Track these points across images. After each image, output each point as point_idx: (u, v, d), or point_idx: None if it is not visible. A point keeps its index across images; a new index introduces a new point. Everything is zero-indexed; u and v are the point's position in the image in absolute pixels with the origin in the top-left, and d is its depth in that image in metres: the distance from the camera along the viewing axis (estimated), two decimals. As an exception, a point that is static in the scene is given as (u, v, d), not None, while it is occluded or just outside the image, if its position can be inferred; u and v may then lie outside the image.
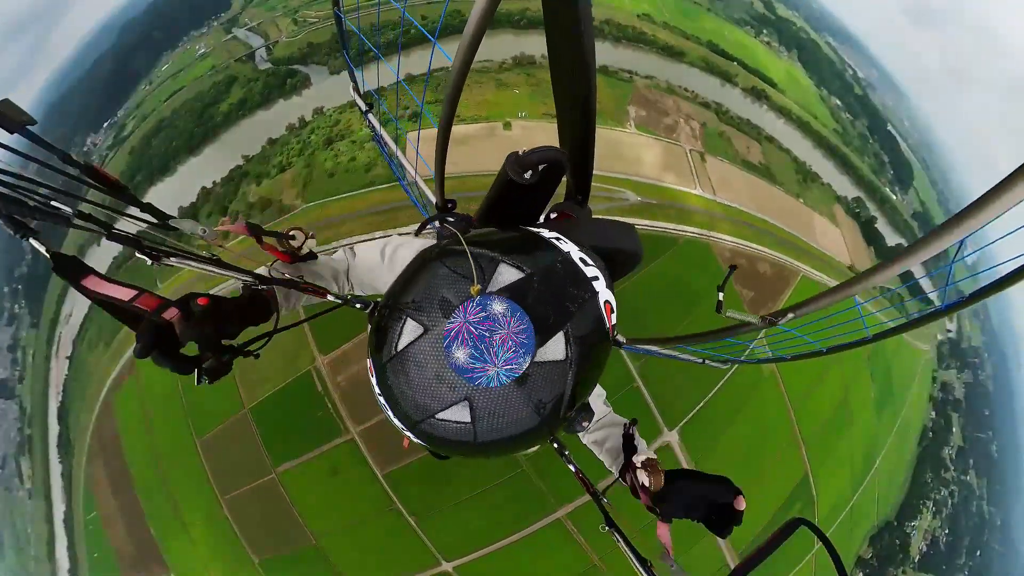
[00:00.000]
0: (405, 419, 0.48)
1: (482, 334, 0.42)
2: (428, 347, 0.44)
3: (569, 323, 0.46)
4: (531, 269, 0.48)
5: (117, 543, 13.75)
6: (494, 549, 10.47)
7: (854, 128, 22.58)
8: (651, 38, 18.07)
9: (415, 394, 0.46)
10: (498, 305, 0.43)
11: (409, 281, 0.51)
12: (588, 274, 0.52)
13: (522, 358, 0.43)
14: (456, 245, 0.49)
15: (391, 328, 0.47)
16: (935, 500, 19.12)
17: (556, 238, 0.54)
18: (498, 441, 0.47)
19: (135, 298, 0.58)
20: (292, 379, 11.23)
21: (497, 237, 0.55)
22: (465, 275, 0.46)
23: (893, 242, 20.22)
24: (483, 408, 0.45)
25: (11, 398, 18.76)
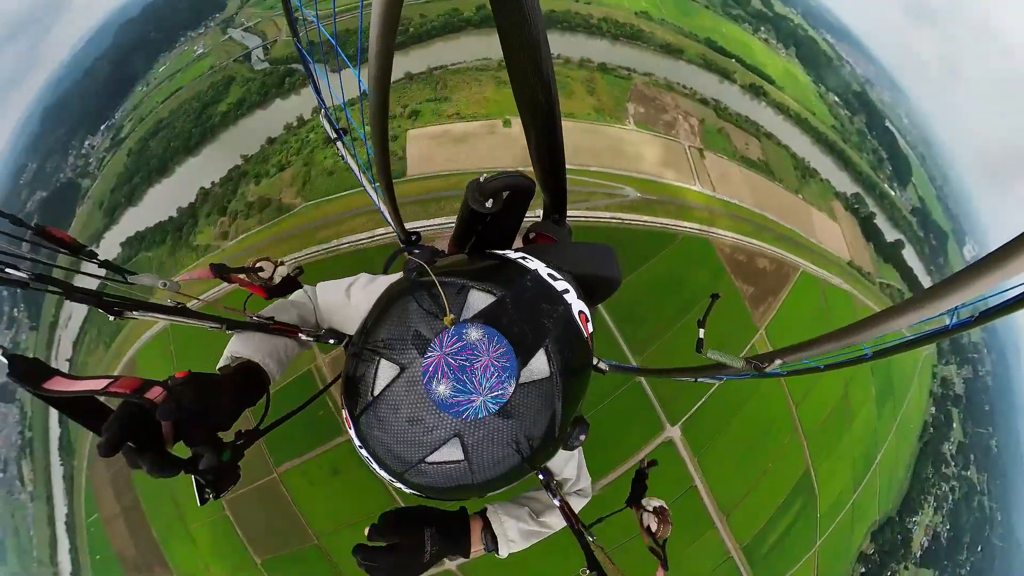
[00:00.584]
0: (393, 470, 0.45)
1: (462, 364, 0.40)
2: (407, 387, 0.42)
3: (548, 339, 0.45)
4: (502, 291, 0.46)
5: (119, 545, 13.76)
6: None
7: (852, 124, 22.61)
8: (649, 35, 18.10)
9: (400, 439, 0.43)
10: (474, 332, 0.41)
11: (378, 319, 0.48)
12: (558, 288, 0.51)
13: (507, 382, 0.41)
14: (423, 277, 0.47)
15: (364, 373, 0.45)
16: (936, 496, 19.20)
17: (522, 257, 0.53)
18: (497, 476, 0.45)
19: (110, 385, 0.49)
20: (292, 378, 11.23)
21: (463, 264, 0.54)
22: (436, 306, 0.44)
23: (892, 238, 20.30)
24: (476, 442, 0.42)
25: (11, 402, 18.77)
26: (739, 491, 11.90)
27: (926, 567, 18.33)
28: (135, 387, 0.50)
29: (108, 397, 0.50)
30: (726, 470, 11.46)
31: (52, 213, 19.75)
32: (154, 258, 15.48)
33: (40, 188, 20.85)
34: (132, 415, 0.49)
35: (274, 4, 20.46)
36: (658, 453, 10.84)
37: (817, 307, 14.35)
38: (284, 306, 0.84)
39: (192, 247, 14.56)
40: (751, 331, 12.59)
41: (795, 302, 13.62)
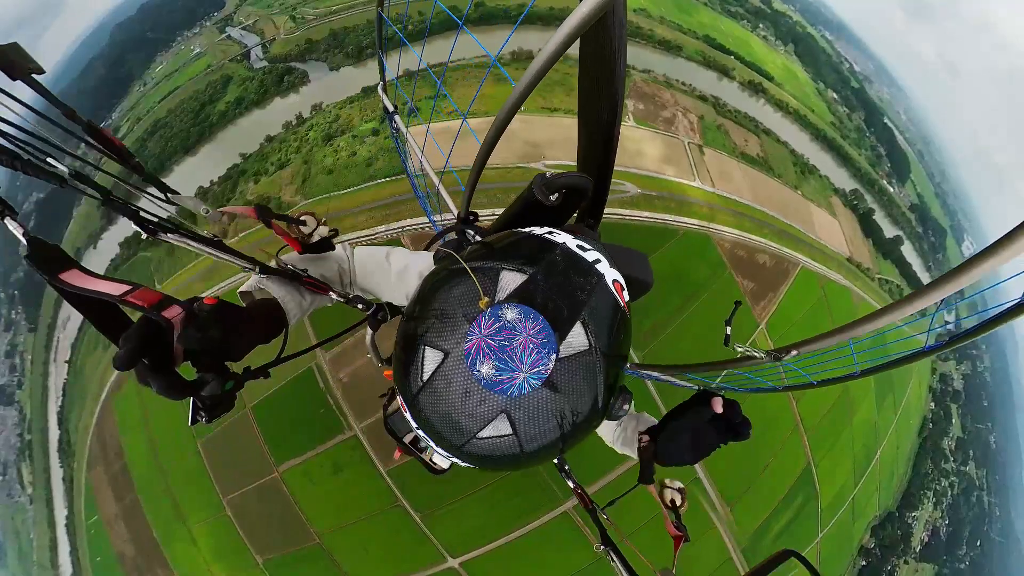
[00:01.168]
0: (449, 446, 0.47)
1: (502, 344, 0.41)
2: (452, 370, 0.44)
3: (583, 311, 0.46)
4: (533, 268, 0.47)
5: (119, 546, 13.70)
6: (500, 544, 10.44)
7: (851, 121, 22.67)
8: (648, 33, 18.11)
9: (452, 419, 0.45)
10: (510, 312, 0.42)
11: (419, 308, 0.50)
12: (589, 259, 0.51)
13: (547, 358, 0.42)
14: (455, 264, 0.49)
15: (412, 361, 0.47)
16: (935, 491, 19.30)
17: (548, 232, 0.54)
18: (545, 446, 0.46)
19: (128, 293, 0.47)
20: (293, 376, 11.19)
21: (490, 247, 0.54)
22: (471, 291, 0.46)
23: (891, 234, 20.38)
24: (522, 416, 0.44)
25: (10, 404, 18.67)
26: (741, 485, 11.95)
27: (926, 562, 18.41)
28: (154, 302, 0.49)
29: (124, 306, 0.48)
30: (728, 464, 11.50)
31: (49, 214, 19.66)
32: (152, 258, 15.42)
33: (37, 189, 20.75)
34: (150, 332, 0.47)
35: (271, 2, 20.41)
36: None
37: (817, 302, 14.38)
38: (319, 261, 0.83)
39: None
40: (752, 326, 12.65)
41: (795, 297, 13.68)
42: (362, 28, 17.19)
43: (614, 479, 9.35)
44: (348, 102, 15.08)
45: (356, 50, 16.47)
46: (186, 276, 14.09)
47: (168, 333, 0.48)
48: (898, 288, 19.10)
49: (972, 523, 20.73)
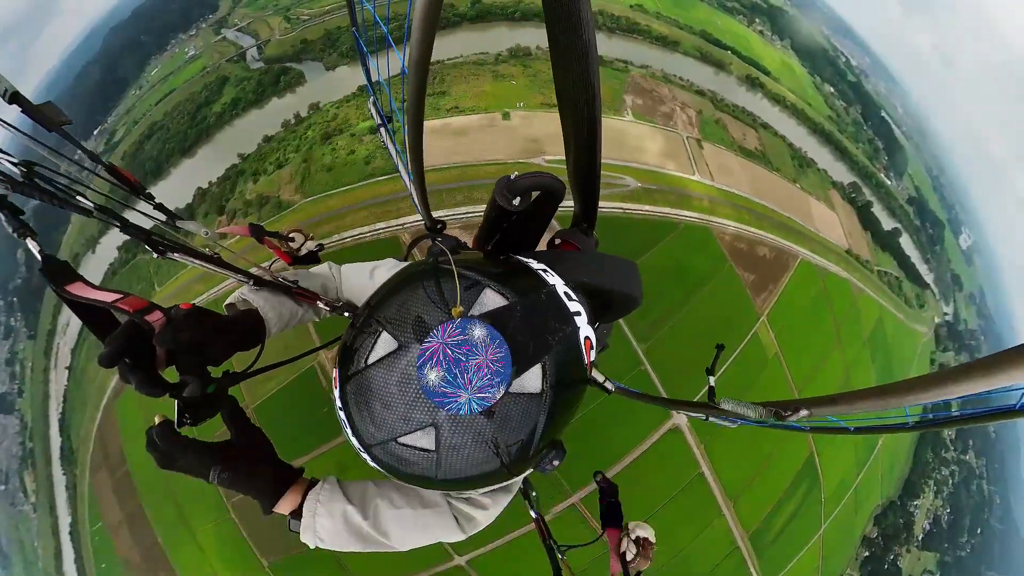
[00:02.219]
0: (364, 440, 0.46)
1: (458, 358, 0.40)
2: (400, 364, 0.43)
3: (548, 356, 0.45)
4: (515, 298, 0.46)
5: (124, 552, 13.68)
6: (507, 540, 10.39)
7: (848, 115, 22.73)
8: (645, 28, 18.12)
9: (379, 413, 0.44)
10: (478, 330, 0.41)
11: (390, 293, 0.49)
12: (571, 309, 0.51)
13: (496, 387, 0.41)
14: (445, 264, 0.48)
15: (364, 340, 0.46)
16: (936, 480, 19.47)
17: (543, 270, 0.54)
18: (461, 478, 0.45)
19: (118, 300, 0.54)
20: (295, 376, 11.18)
21: (485, 262, 0.56)
22: (448, 296, 0.45)
23: (889, 226, 20.47)
24: (449, 436, 0.43)
25: (11, 412, 18.57)
26: (745, 477, 11.96)
27: (928, 550, 18.56)
28: (140, 307, 0.53)
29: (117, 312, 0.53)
30: (732, 456, 11.52)
31: (47, 220, 19.53)
32: (151, 261, 15.35)
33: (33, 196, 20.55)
34: (133, 334, 0.51)
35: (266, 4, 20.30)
36: (666, 441, 10.92)
37: (817, 294, 14.46)
38: (308, 275, 0.86)
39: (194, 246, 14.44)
40: (753, 318, 12.68)
41: (795, 289, 13.73)
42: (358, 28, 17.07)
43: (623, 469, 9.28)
44: (345, 101, 15.04)
45: (351, 49, 16.42)
46: (185, 278, 14.05)
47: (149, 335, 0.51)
48: (897, 280, 19.21)
49: (973, 511, 20.95)
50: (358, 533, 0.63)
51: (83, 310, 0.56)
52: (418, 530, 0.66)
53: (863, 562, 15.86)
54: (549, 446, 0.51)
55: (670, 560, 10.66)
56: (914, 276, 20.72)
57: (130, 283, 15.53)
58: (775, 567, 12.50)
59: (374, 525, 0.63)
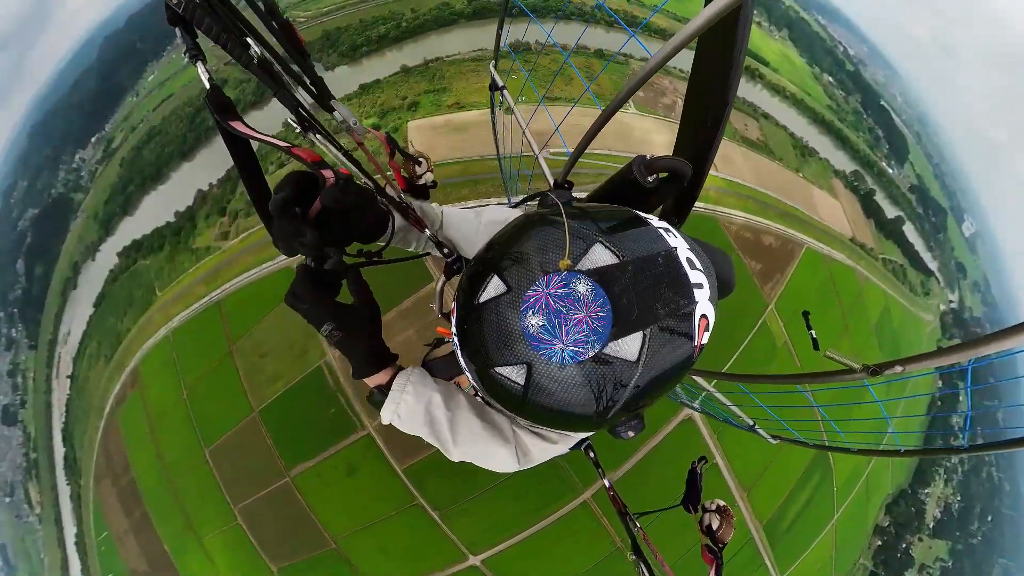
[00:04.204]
0: (470, 360, 0.50)
1: (559, 309, 0.40)
2: (506, 306, 0.45)
3: (653, 326, 0.43)
4: (627, 256, 0.45)
5: (131, 562, 13.58)
6: (521, 538, 10.33)
7: (848, 104, 22.76)
8: (642, 20, 18.14)
9: (484, 342, 0.47)
10: (582, 285, 0.41)
11: (506, 239, 0.51)
12: (692, 279, 0.47)
13: (591, 344, 0.41)
14: (556, 216, 0.48)
15: (479, 279, 0.48)
16: (946, 467, 19.42)
17: (665, 228, 0.51)
18: (545, 411, 0.47)
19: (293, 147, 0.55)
20: (301, 377, 11.08)
21: (601, 213, 0.52)
22: (559, 246, 0.45)
23: (892, 215, 20.46)
24: (539, 378, 0.45)
25: (14, 424, 18.48)
26: (758, 467, 11.93)
27: (940, 538, 18.52)
28: (316, 160, 0.56)
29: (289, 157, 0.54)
30: (744, 446, 11.47)
31: (45, 229, 19.49)
32: (152, 265, 15.29)
33: (32, 205, 20.55)
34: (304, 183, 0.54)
35: (262, 7, 20.22)
36: (679, 432, 10.88)
37: (823, 282, 14.47)
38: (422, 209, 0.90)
39: (192, 250, 14.39)
40: (761, 307, 12.67)
41: (802, 278, 13.73)
42: (355, 28, 17.15)
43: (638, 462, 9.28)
44: (346, 99, 15.05)
45: (350, 49, 16.42)
46: (187, 281, 13.97)
47: (319, 188, 0.54)
48: (901, 268, 19.20)
49: (983, 498, 20.96)
50: (433, 421, 0.67)
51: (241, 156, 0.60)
52: (481, 442, 0.69)
53: (876, 551, 15.84)
54: (630, 416, 0.50)
55: (686, 553, 10.51)
56: (918, 264, 20.73)
57: (131, 289, 15.47)
58: (789, 557, 12.48)
59: (451, 420, 0.67)
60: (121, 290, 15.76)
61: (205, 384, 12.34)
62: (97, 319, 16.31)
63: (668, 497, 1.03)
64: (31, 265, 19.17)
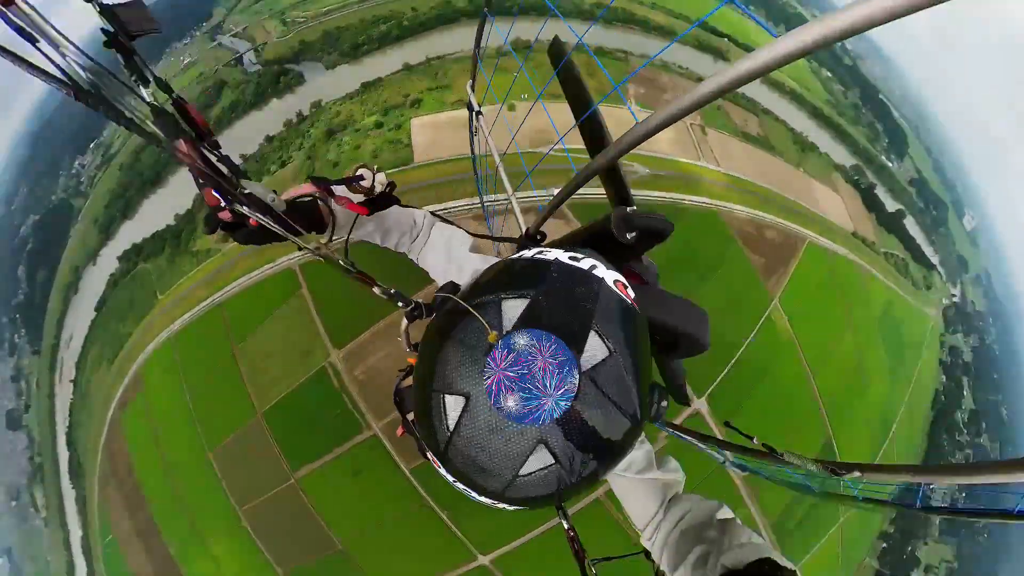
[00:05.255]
0: (492, 493, 0.46)
1: (521, 374, 0.40)
2: (478, 411, 0.43)
3: (593, 320, 0.45)
4: (532, 291, 0.46)
5: (136, 565, 13.54)
6: (531, 537, 10.25)
7: (846, 99, 22.72)
8: (642, 19, 18.18)
9: (489, 464, 0.44)
10: (521, 339, 0.41)
11: (429, 360, 0.49)
12: (585, 267, 0.50)
13: (570, 375, 0.41)
14: (456, 306, 0.49)
15: (434, 412, 0.46)
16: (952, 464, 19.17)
17: (538, 252, 0.53)
18: (591, 468, 0.45)
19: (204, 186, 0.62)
20: (305, 377, 11.05)
21: (484, 280, 0.53)
22: (477, 329, 0.45)
23: (893, 208, 20.41)
24: (561, 441, 0.43)
25: (19, 429, 18.48)
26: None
27: (945, 540, 18.44)
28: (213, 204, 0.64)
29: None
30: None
31: (46, 234, 19.48)
32: (153, 269, 15.28)
33: (33, 211, 20.57)
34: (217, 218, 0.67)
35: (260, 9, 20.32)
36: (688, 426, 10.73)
37: (826, 277, 14.46)
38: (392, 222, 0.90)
39: (192, 253, 14.38)
40: (765, 301, 12.66)
41: (805, 272, 13.73)
42: (355, 27, 17.14)
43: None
44: (348, 98, 15.02)
45: (351, 48, 16.40)
46: (187, 285, 13.96)
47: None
48: (903, 262, 19.16)
49: (990, 500, 20.75)
50: None
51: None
52: None
53: (882, 552, 15.76)
54: (650, 391, 0.50)
55: None
56: (920, 257, 20.66)
57: (132, 292, 15.45)
58: (797, 555, 12.42)
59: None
60: (122, 294, 15.76)
61: (208, 387, 12.34)
62: (99, 323, 16.31)
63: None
64: (33, 270, 19.18)
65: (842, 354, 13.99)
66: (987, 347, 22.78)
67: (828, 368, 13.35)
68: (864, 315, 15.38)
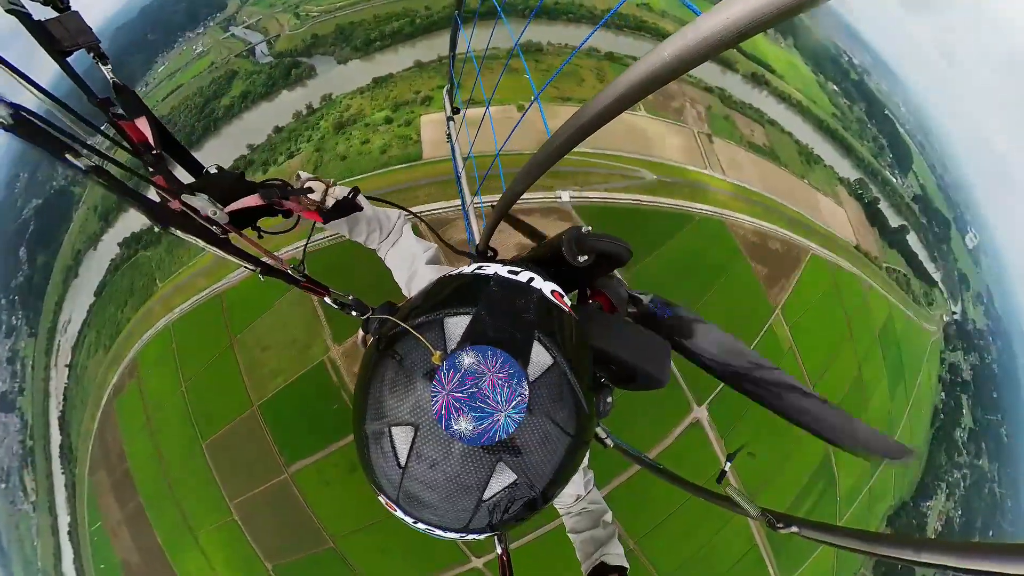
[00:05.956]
0: (459, 526, 0.44)
1: (470, 393, 0.40)
2: (429, 440, 0.41)
3: (535, 330, 0.46)
4: (474, 307, 0.46)
5: (124, 553, 13.39)
6: (527, 540, 10.07)
7: (852, 112, 22.87)
8: (651, 26, 18.36)
9: (449, 495, 0.42)
10: (466, 357, 0.41)
11: (369, 393, 0.46)
12: (523, 279, 0.51)
13: (519, 387, 0.41)
14: (393, 329, 0.48)
15: (381, 449, 0.43)
16: (948, 482, 19.24)
17: (478, 267, 0.54)
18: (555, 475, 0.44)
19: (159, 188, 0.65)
20: (304, 371, 10.98)
21: (425, 298, 0.52)
22: (419, 351, 0.44)
23: (896, 223, 20.48)
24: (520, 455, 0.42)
25: (11, 411, 18.38)
26: (764, 473, 11.88)
27: (941, 553, 18.29)
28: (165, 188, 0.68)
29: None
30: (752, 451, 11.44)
31: (49, 218, 19.48)
32: (152, 257, 15.25)
33: (34, 196, 20.60)
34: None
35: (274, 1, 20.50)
36: (687, 436, 10.82)
37: (828, 289, 14.46)
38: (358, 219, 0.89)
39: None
40: (767, 312, 12.67)
41: (807, 283, 13.76)
42: (369, 23, 17.26)
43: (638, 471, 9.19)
44: (359, 92, 15.09)
45: (364, 43, 16.51)
46: (187, 274, 13.93)
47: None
48: (904, 277, 19.17)
49: (984, 514, 20.75)
50: None
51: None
52: None
53: (877, 561, 15.64)
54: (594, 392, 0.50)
55: (690, 558, 10.50)
56: (921, 273, 20.68)
57: (132, 279, 15.41)
58: (792, 565, 12.33)
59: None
60: (122, 280, 15.69)
61: (205, 377, 12.26)
62: (97, 308, 16.24)
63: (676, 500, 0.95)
64: (33, 253, 19.17)
65: (842, 367, 13.97)
66: (987, 366, 22.74)
67: (828, 380, 13.34)
68: (865, 329, 15.38)
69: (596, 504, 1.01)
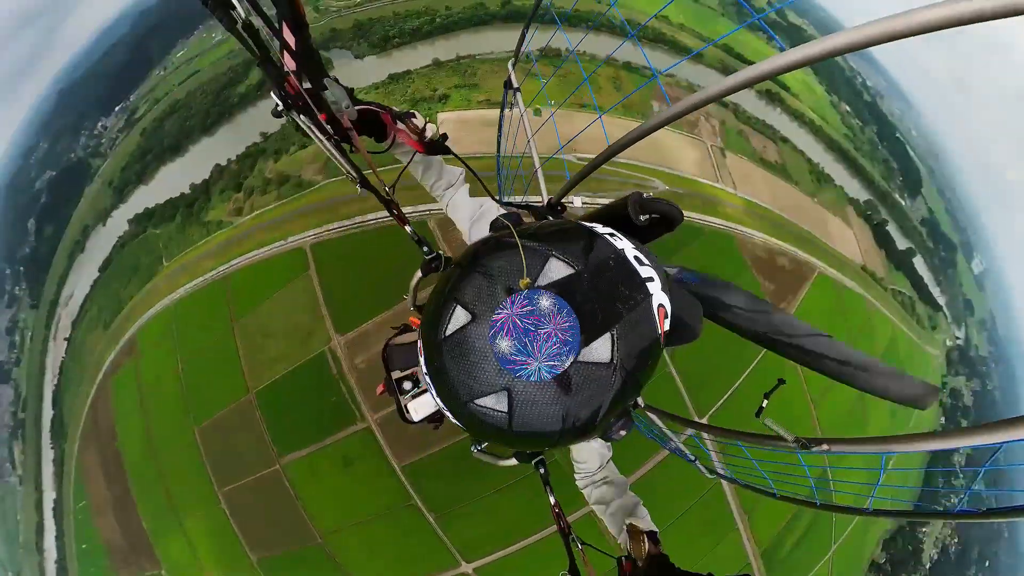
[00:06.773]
0: (447, 399, 0.49)
1: (527, 328, 0.42)
2: (474, 335, 0.46)
3: (618, 325, 0.46)
4: (581, 266, 0.48)
5: (107, 534, 13.22)
6: (518, 548, 9.97)
7: (864, 134, 22.96)
8: (670, 39, 18.53)
9: (458, 377, 0.47)
10: (545, 300, 0.43)
11: (464, 268, 0.51)
12: (643, 274, 0.51)
13: (565, 356, 0.43)
14: (508, 238, 0.50)
15: (443, 312, 0.49)
16: (945, 508, 18.97)
17: (611, 234, 0.54)
18: (533, 436, 0.48)
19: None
20: (304, 361, 10.86)
21: (550, 230, 0.55)
22: (516, 267, 0.47)
23: (903, 246, 20.45)
24: (522, 401, 0.45)
25: (7, 382, 18.30)
26: (752, 499, 11.76)
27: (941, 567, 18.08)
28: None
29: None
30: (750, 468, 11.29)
31: (61, 191, 19.58)
32: (162, 235, 15.25)
33: (50, 167, 20.74)
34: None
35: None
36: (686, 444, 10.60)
37: (833, 308, 14.52)
38: (435, 163, 1.04)
39: (203, 223, 14.38)
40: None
41: (813, 301, 13.76)
42: (388, 20, 17.47)
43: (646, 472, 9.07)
44: (374, 88, 15.22)
45: (382, 40, 16.72)
46: (194, 255, 13.91)
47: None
48: (910, 300, 19.11)
49: (982, 543, 20.49)
50: None
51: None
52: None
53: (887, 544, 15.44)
54: (618, 415, 0.52)
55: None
56: (927, 297, 20.61)
57: (138, 256, 15.42)
58: (783, 587, 12.11)
59: None
60: (128, 257, 15.68)
61: (202, 359, 12.13)
62: (101, 284, 16.22)
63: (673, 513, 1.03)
64: (41, 225, 19.21)
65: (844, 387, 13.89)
66: (988, 392, 22.65)
67: (829, 401, 13.20)
68: (868, 349, 15.09)
69: (617, 476, 1.11)
